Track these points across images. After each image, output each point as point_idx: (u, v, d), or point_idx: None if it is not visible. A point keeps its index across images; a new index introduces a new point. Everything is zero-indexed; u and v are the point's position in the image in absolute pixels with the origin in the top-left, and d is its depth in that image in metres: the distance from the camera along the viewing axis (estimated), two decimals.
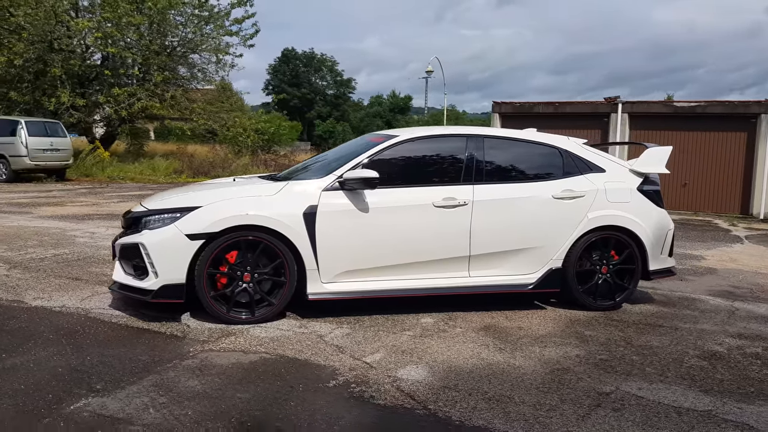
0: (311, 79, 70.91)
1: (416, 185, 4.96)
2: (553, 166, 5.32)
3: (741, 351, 4.39)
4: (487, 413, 3.18)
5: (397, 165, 5.02)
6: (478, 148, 5.13)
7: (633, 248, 5.30)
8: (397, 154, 5.03)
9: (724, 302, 5.85)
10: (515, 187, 5.13)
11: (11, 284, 5.42)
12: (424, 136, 5.19)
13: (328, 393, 3.36)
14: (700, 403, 3.42)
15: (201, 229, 4.39)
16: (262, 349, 4.01)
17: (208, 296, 4.45)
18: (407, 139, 5.09)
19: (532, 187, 5.16)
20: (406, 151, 5.07)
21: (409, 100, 71.19)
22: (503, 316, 5.04)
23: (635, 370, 3.92)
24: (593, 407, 3.32)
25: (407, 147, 5.08)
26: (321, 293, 4.68)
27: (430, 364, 3.87)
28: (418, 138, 5.14)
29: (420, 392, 3.41)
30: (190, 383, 3.41)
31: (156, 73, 20.93)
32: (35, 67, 20.02)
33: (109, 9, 19.97)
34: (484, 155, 5.13)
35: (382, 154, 4.97)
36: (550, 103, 16.55)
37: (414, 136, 5.14)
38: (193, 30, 23.79)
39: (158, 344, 4.05)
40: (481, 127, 6.95)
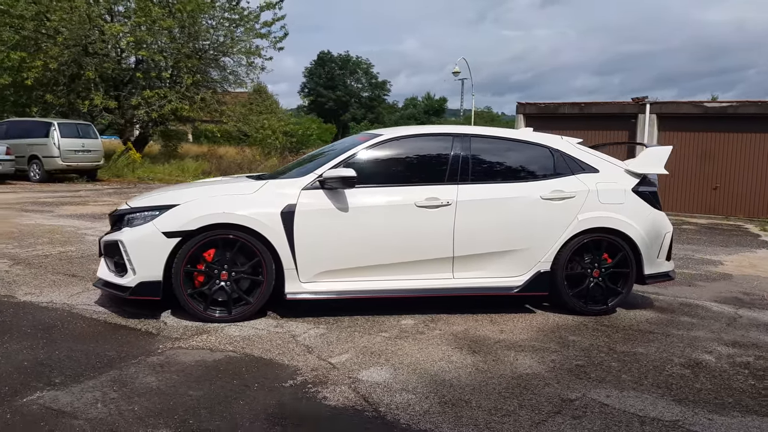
0: (346, 82, 71.30)
1: (399, 185, 4.90)
2: (544, 166, 5.19)
3: (731, 360, 4.19)
4: (438, 417, 3.10)
5: (381, 164, 4.98)
6: (464, 147, 5.04)
7: (627, 251, 5.12)
8: (381, 154, 4.98)
9: (728, 309, 5.62)
10: (502, 187, 5.02)
11: (8, 279, 5.56)
12: (408, 135, 5.12)
13: (282, 393, 3.33)
14: (669, 413, 3.27)
15: (177, 227, 4.42)
16: (230, 348, 4.01)
17: (185, 294, 4.47)
18: (391, 138, 5.04)
19: (519, 187, 5.04)
20: (391, 150, 5.02)
21: (444, 102, 70.98)
22: (488, 319, 4.94)
23: (610, 377, 3.78)
24: (552, 414, 3.20)
25: (391, 146, 5.02)
26: (299, 293, 4.66)
27: (396, 366, 3.80)
28: (402, 137, 5.08)
29: (375, 394, 3.35)
30: (147, 379, 3.42)
31: (186, 76, 21.29)
32: (70, 70, 20.62)
33: (142, 13, 20.43)
34: (471, 155, 5.04)
35: (365, 153, 4.93)
36: (576, 103, 16.24)
37: (398, 135, 5.09)
38: (224, 33, 24.16)
39: (130, 340, 4.09)
40: (477, 126, 6.80)
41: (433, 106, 69.95)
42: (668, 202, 15.20)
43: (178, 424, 2.90)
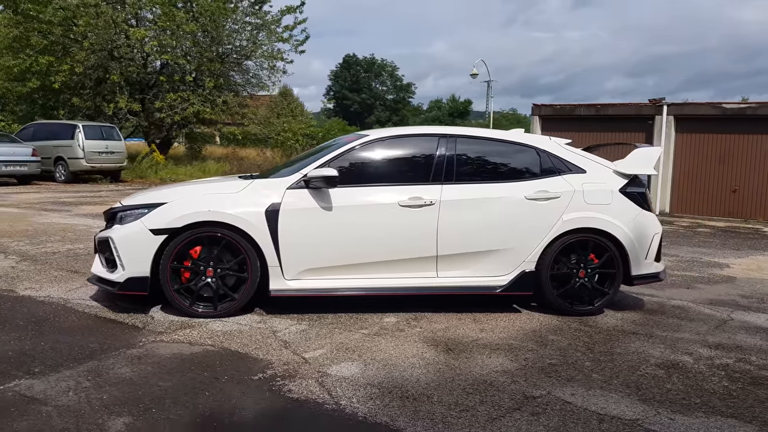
0: (371, 85, 71.60)
1: (384, 184, 4.97)
2: (530, 166, 5.21)
3: (709, 361, 4.16)
4: (396, 410, 3.16)
5: (366, 164, 5.05)
6: (449, 147, 5.09)
7: (613, 252, 5.11)
8: (366, 154, 5.06)
9: (721, 311, 5.55)
10: (486, 187, 5.05)
11: (13, 275, 5.78)
12: (394, 135, 5.19)
13: (248, 385, 3.43)
14: (630, 412, 3.28)
15: (164, 224, 4.56)
16: (209, 342, 4.12)
17: (171, 290, 4.61)
18: (377, 139, 5.11)
19: (504, 187, 5.07)
20: (376, 150, 5.09)
21: (469, 104, 70.84)
22: (471, 318, 4.97)
23: (580, 375, 3.79)
24: (511, 410, 3.24)
25: (377, 146, 5.10)
26: (283, 290, 4.76)
27: (367, 362, 3.87)
28: (388, 137, 5.16)
29: (340, 388, 3.43)
30: (122, 370, 3.55)
31: (208, 80, 21.66)
32: (96, 74, 21.13)
33: (166, 18, 20.84)
34: (456, 155, 5.08)
35: (351, 153, 5.01)
36: (592, 105, 16.10)
37: (383, 135, 5.16)
38: (246, 37, 24.49)
39: (115, 333, 4.23)
40: (463, 127, 6.74)
41: (457, 109, 69.84)
42: (686, 205, 14.98)
43: (141, 412, 3.01)
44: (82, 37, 20.19)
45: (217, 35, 22.76)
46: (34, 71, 19.99)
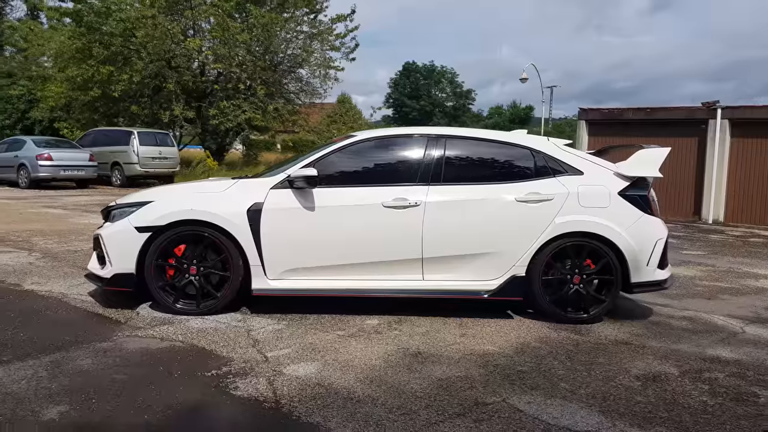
0: (431, 92, 71.51)
1: (370, 185, 4.93)
2: (523, 167, 5.04)
3: (697, 375, 3.89)
4: (334, 411, 3.10)
5: (351, 164, 5.02)
6: (439, 148, 4.99)
7: (610, 258, 4.87)
8: (353, 154, 5.03)
9: (735, 324, 5.19)
10: (475, 188, 4.92)
11: (26, 270, 6.05)
12: (381, 136, 5.15)
13: (198, 381, 3.45)
14: (583, 423, 3.10)
15: (148, 222, 4.67)
16: (180, 338, 4.18)
17: (156, 286, 4.70)
18: (364, 139, 5.08)
19: (494, 188, 4.92)
20: (363, 150, 5.06)
21: (531, 110, 69.58)
22: (458, 323, 4.84)
23: (547, 384, 3.62)
24: (454, 416, 3.12)
25: (364, 147, 5.06)
26: (265, 290, 4.78)
27: (328, 362, 3.83)
28: (375, 138, 5.11)
29: (287, 387, 3.40)
30: (84, 362, 3.65)
31: (259, 87, 22.16)
32: (153, 83, 21.99)
33: (220, 29, 21.49)
34: (445, 156, 4.98)
35: (337, 153, 4.99)
36: (641, 108, 15.48)
37: (371, 136, 5.12)
38: (299, 45, 24.94)
39: (95, 327, 4.36)
40: (457, 127, 6.52)
41: (518, 115, 68.80)
42: (741, 214, 14.18)
43: (80, 402, 3.08)
44: (141, 47, 21.06)
45: (270, 45, 23.27)
46: (96, 80, 20.99)
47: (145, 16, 20.33)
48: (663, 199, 14.86)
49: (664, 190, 14.65)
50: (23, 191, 16.51)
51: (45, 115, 25.07)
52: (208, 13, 21.86)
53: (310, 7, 24.83)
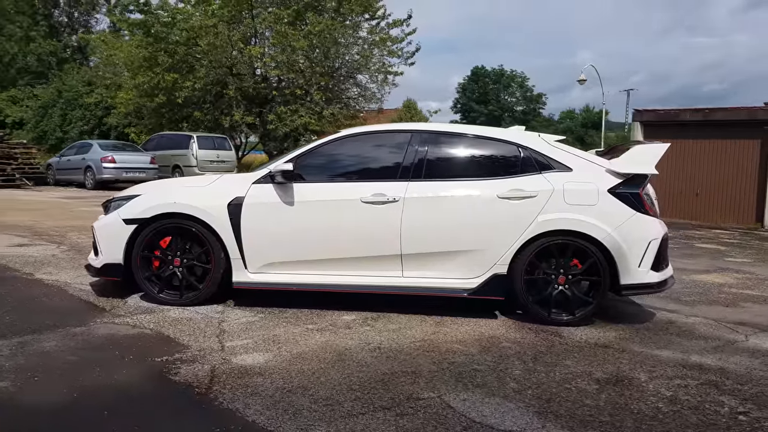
0: (499, 96, 70.56)
1: (350, 181, 4.93)
2: (508, 163, 4.91)
3: (666, 381, 3.66)
4: (257, 399, 3.13)
5: (334, 160, 5.05)
6: (422, 144, 4.94)
7: (597, 258, 4.66)
8: (336, 150, 5.05)
9: (741, 332, 4.84)
10: (457, 184, 4.83)
11: (47, 261, 6.42)
12: (366, 132, 5.14)
13: (143, 365, 3.56)
14: (510, 423, 2.99)
15: (134, 214, 4.85)
16: (150, 326, 4.32)
17: (142, 277, 4.88)
18: (347, 135, 5.09)
19: (476, 185, 4.81)
20: (346, 146, 5.07)
21: (605, 114, 67.16)
22: (436, 321, 4.76)
23: (495, 383, 3.51)
24: (378, 409, 3.08)
25: (347, 142, 5.08)
26: (245, 282, 4.87)
27: (282, 354, 3.85)
28: (359, 134, 5.11)
29: (227, 375, 3.45)
30: (48, 344, 3.84)
31: (315, 92, 22.56)
32: (215, 89, 22.81)
33: (278, 36, 22.06)
34: (428, 152, 4.92)
35: (320, 148, 5.03)
36: (699, 109, 14.71)
37: (355, 131, 5.13)
38: (358, 52, 25.22)
39: (78, 313, 4.57)
40: (442, 123, 6.31)
41: (591, 119, 66.71)
42: None
43: (24, 379, 3.25)
44: (204, 54, 21.90)
45: (328, 51, 23.64)
46: (161, 87, 21.96)
47: (206, 26, 21.12)
48: (721, 205, 14.09)
49: (721, 195, 13.87)
50: (88, 192, 17.49)
51: (120, 120, 26.48)
52: (268, 21, 22.46)
53: (371, 13, 25.11)
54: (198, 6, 22.51)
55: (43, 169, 20.06)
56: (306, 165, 4.94)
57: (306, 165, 4.94)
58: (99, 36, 27.84)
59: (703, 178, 14.32)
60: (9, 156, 17.65)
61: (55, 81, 32.69)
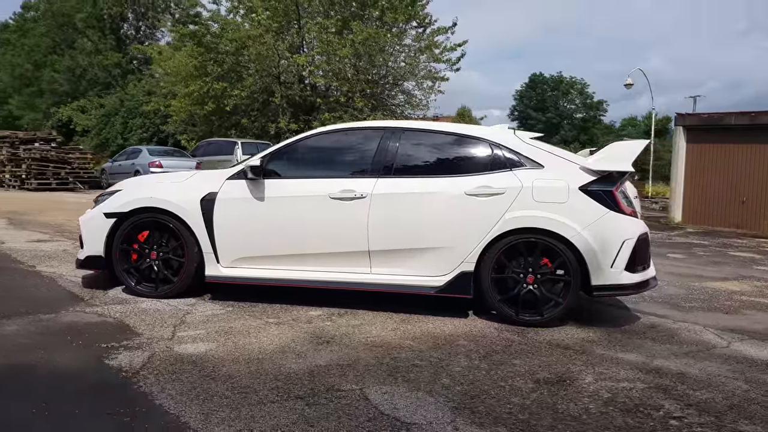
0: (558, 103, 69.16)
1: (321, 177, 4.96)
2: (479, 160, 4.82)
3: (612, 384, 3.51)
4: (176, 385, 3.19)
5: (306, 157, 5.10)
6: (393, 141, 4.92)
7: (567, 257, 4.51)
8: (309, 146, 5.10)
9: (724, 339, 4.58)
10: (425, 181, 4.78)
11: (53, 255, 6.73)
12: (339, 129, 5.17)
13: (87, 350, 3.69)
14: (419, 416, 2.94)
15: (114, 209, 5.04)
16: (116, 316, 4.47)
17: (120, 269, 5.06)
18: (321, 132, 5.14)
19: (444, 182, 4.75)
20: (319, 143, 5.11)
21: (669, 121, 64.76)
22: (402, 318, 4.72)
23: (427, 379, 3.45)
24: (292, 398, 3.09)
25: (320, 139, 5.12)
26: (217, 276, 4.96)
27: (227, 345, 3.91)
28: (332, 131, 5.16)
29: (161, 361, 3.53)
30: (9, 329, 4.03)
31: (358, 100, 22.78)
32: (262, 97, 23.38)
33: (323, 45, 22.43)
34: (398, 149, 4.89)
35: (294, 145, 5.09)
36: (745, 113, 13.97)
37: (329, 129, 5.18)
38: (403, 59, 25.32)
39: (55, 302, 4.78)
40: (416, 121, 6.20)
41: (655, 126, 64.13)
42: None
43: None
44: (251, 63, 22.50)
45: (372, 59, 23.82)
46: (211, 95, 22.69)
47: (253, 36, 21.70)
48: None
49: None
50: None
51: (176, 128, 27.51)
52: (313, 31, 22.87)
53: (418, 21, 25.19)
54: (246, 17, 23.18)
55: (97, 174, 21.05)
56: (280, 161, 5.01)
57: (280, 161, 5.01)
58: (153, 47, 29.00)
59: (750, 184, 13.59)
60: (64, 161, 18.64)
61: (118, 91, 34.31)
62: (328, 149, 5.11)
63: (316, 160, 5.10)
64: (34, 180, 17.80)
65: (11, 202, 13.96)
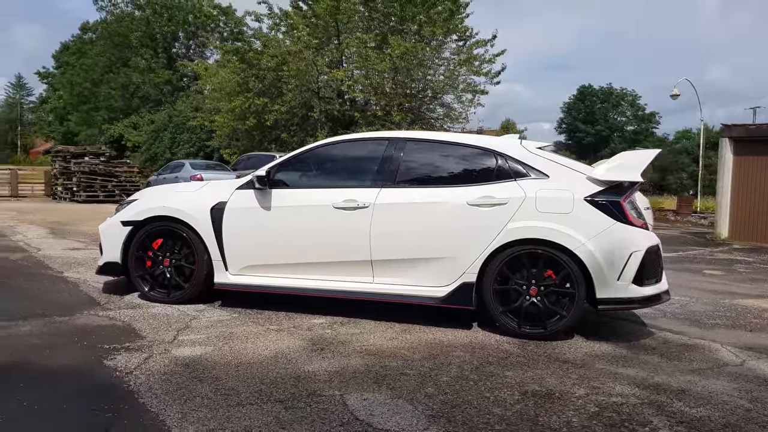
0: (608, 115, 67.84)
1: (325, 187, 5.02)
2: (483, 170, 4.80)
3: (602, 399, 3.42)
4: (163, 385, 3.29)
5: (313, 167, 5.19)
6: (397, 151, 4.95)
7: (571, 269, 4.44)
8: (316, 157, 5.19)
9: (732, 357, 4.39)
10: (427, 191, 4.79)
11: (83, 263, 7.01)
12: (345, 140, 5.24)
13: (89, 351, 3.84)
14: (392, 423, 2.94)
15: (130, 217, 5.23)
16: (124, 319, 4.62)
17: (135, 275, 5.23)
18: (327, 143, 5.21)
19: (446, 192, 4.75)
20: (326, 153, 5.19)
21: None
22: (404, 328, 4.72)
23: (411, 387, 3.44)
24: (271, 401, 3.14)
25: (327, 150, 5.19)
26: (226, 284, 5.08)
27: (223, 349, 3.99)
28: (338, 141, 5.23)
29: (156, 363, 3.65)
30: (23, 329, 4.23)
31: (395, 114, 22.92)
32: (301, 111, 23.79)
33: (361, 60, 22.72)
34: (402, 159, 4.92)
35: (302, 155, 5.19)
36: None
37: (335, 140, 5.24)
38: (441, 72, 25.38)
39: (73, 305, 4.99)
40: (422, 131, 6.09)
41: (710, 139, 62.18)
42: None
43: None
44: (291, 78, 22.95)
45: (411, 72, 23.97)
46: (252, 111, 23.23)
47: (293, 51, 22.15)
48: None
49: None
50: None
51: (220, 142, 28.23)
52: (352, 46, 23.18)
53: (459, 34, 25.26)
54: (288, 33, 23.69)
55: (143, 187, 21.77)
56: (287, 172, 5.11)
57: (287, 172, 5.11)
58: (199, 63, 29.91)
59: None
60: (111, 174, 19.37)
61: (167, 107, 35.47)
62: (333, 160, 5.18)
63: (322, 170, 5.19)
64: (83, 192, 18.54)
65: (59, 212, 14.60)
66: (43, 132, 60.83)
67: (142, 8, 43.81)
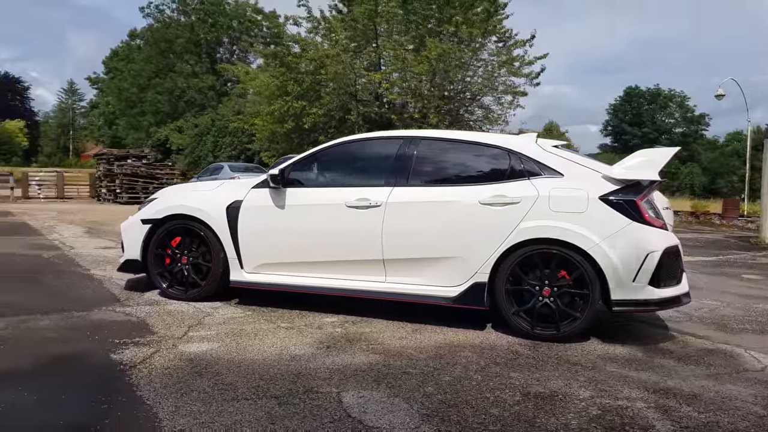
0: (655, 117, 66.10)
1: (339, 186, 5.04)
2: (496, 169, 4.73)
3: (606, 403, 3.32)
4: (164, 379, 3.33)
5: (327, 166, 5.21)
6: (410, 150, 4.93)
7: (585, 269, 4.33)
8: (330, 156, 5.20)
9: (754, 362, 4.21)
10: (440, 190, 4.75)
11: (111, 260, 7.19)
12: (359, 138, 5.24)
13: (100, 344, 3.92)
14: (384, 421, 2.92)
15: (149, 216, 5.35)
16: (140, 315, 4.72)
17: (154, 272, 5.34)
18: (341, 142, 5.22)
19: (459, 190, 4.69)
20: (340, 153, 5.20)
21: (750, 134, 60.33)
22: (415, 328, 4.68)
23: (411, 386, 3.40)
24: (267, 397, 3.15)
25: (341, 149, 5.20)
26: (241, 281, 5.13)
27: (230, 345, 4.03)
28: (353, 141, 5.23)
29: (162, 357, 3.71)
30: (42, 323, 4.37)
31: (432, 116, 22.85)
32: (338, 114, 23.95)
33: (397, 63, 22.75)
34: (415, 157, 4.89)
35: (316, 155, 5.21)
36: None
37: (350, 139, 5.25)
38: (482, 74, 25.18)
39: (93, 301, 5.12)
40: (438, 130, 5.94)
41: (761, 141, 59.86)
42: None
43: None
44: (329, 81, 23.15)
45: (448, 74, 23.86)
46: (291, 114, 23.50)
47: (331, 55, 22.33)
48: None
49: None
50: None
51: (261, 145, 28.67)
52: (389, 48, 23.22)
53: (498, 35, 25.03)
54: (326, 37, 23.90)
55: None
56: (302, 171, 5.15)
57: (302, 171, 5.15)
58: (239, 67, 30.39)
59: None
60: (152, 176, 19.88)
61: (210, 111, 36.23)
62: (347, 159, 5.19)
63: (336, 169, 5.20)
64: (125, 194, 19.08)
65: (98, 213, 15.06)
66: (93, 136, 63.03)
67: (187, 14, 44.86)
